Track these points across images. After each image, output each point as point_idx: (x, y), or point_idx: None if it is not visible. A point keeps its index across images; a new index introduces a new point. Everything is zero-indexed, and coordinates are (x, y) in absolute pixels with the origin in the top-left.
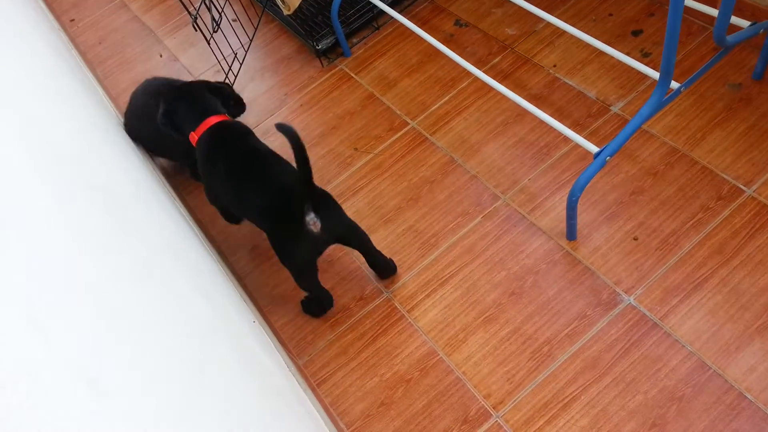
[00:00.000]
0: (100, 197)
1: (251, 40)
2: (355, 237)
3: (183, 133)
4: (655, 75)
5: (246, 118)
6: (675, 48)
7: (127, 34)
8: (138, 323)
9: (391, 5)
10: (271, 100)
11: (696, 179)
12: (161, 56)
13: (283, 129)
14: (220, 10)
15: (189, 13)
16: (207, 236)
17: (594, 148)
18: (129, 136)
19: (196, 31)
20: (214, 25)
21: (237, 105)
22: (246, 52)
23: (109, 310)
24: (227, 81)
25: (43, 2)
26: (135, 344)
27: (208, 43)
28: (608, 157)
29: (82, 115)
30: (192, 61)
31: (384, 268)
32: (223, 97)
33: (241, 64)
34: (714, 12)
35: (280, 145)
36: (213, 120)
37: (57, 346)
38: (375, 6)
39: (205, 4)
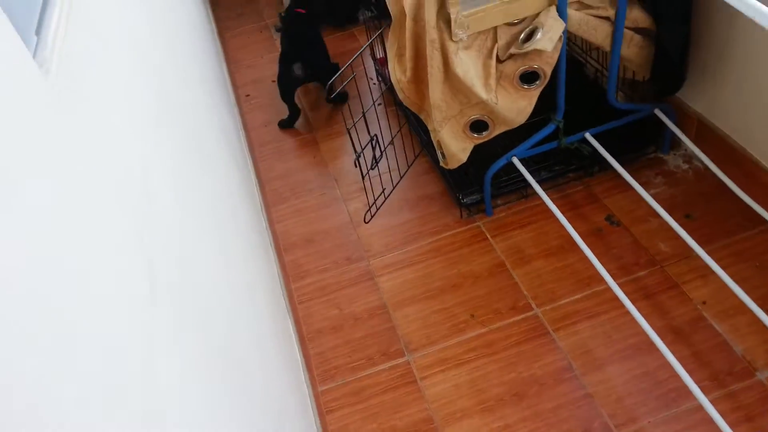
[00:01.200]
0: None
1: (402, 177)
2: (324, 79)
3: None
4: None
5: (375, 246)
6: None
7: (294, 128)
8: None
9: (543, 180)
10: (404, 234)
11: None
12: (314, 157)
13: None
14: (383, 148)
15: (354, 150)
16: (305, 357)
17: None
18: None
19: (356, 167)
20: (374, 163)
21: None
22: (393, 188)
23: None
24: (370, 212)
25: (227, 71)
26: None
27: (363, 178)
28: None
29: (235, 197)
30: (340, 172)
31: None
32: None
33: (385, 199)
34: None
35: None
36: (295, 8)
37: None
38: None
39: (372, 144)
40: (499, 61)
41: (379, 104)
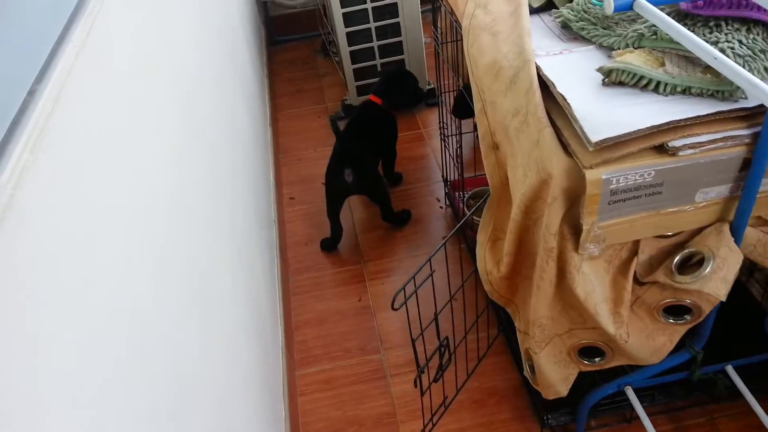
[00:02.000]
0: None
1: (469, 377)
2: (374, 197)
3: None
4: None
5: None
6: None
7: (339, 253)
8: None
9: (655, 404)
10: None
11: None
12: (359, 300)
13: None
14: (453, 350)
15: (417, 364)
16: None
17: None
18: None
19: (416, 387)
20: (439, 373)
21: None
22: (456, 394)
23: None
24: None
25: (273, 162)
26: None
27: (422, 395)
28: None
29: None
30: (388, 328)
31: (395, 222)
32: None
33: (445, 410)
34: None
35: None
36: (370, 97)
37: None
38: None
39: (440, 351)
40: (637, 282)
41: (443, 237)
